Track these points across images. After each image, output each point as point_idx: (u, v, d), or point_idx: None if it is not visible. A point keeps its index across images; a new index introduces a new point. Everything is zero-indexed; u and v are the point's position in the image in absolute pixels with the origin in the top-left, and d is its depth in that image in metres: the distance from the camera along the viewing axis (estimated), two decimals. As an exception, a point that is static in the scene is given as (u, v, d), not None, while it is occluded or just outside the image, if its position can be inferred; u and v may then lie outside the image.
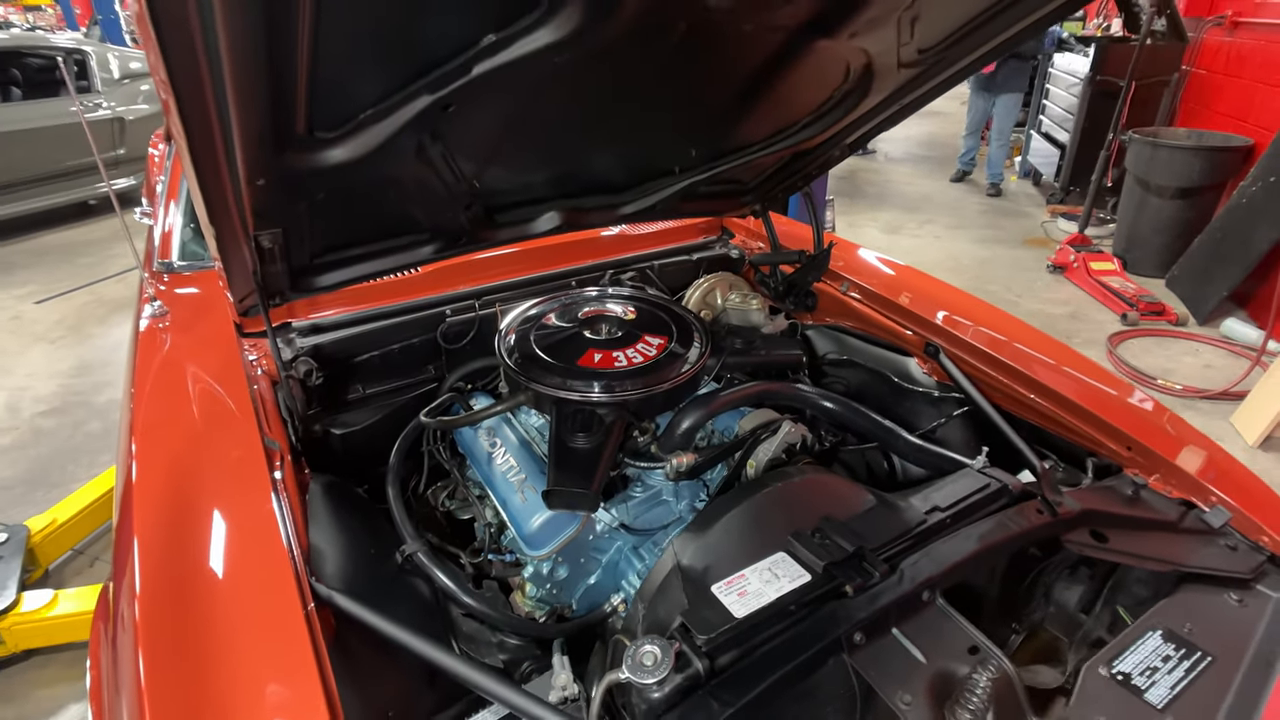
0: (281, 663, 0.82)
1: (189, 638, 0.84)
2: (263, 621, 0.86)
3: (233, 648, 0.84)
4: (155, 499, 1.03)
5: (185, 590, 0.90)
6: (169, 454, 1.12)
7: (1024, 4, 1.14)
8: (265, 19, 0.64)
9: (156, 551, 0.95)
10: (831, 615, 0.92)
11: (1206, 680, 0.94)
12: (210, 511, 1.01)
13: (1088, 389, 1.39)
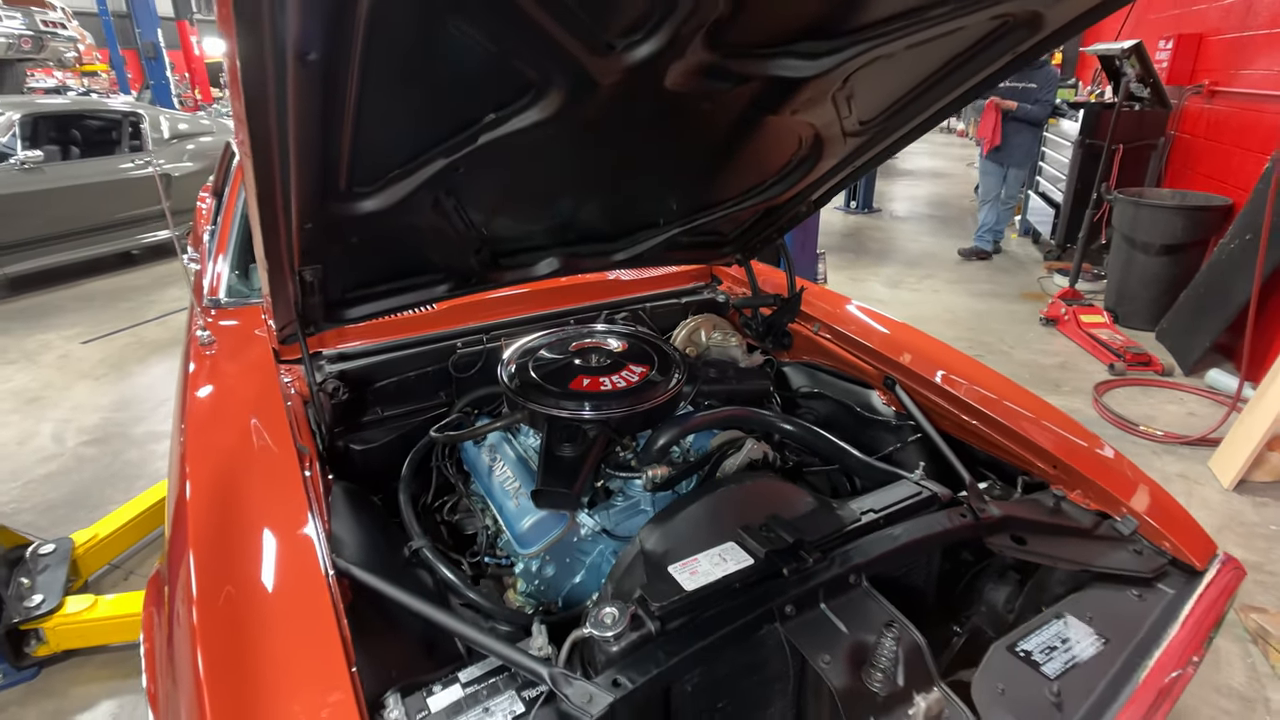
0: (308, 619, 0.99)
1: (235, 597, 1.02)
2: (294, 584, 1.04)
3: (269, 605, 1.01)
4: (205, 487, 1.22)
5: (230, 560, 1.08)
6: (217, 453, 1.32)
7: (950, 80, 1.36)
8: (322, 104, 0.86)
9: (206, 529, 1.14)
10: (768, 592, 1.08)
11: (1097, 659, 1.09)
12: (251, 498, 1.20)
13: (1023, 417, 1.56)
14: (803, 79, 1.20)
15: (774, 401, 1.85)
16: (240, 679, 0.90)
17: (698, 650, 0.99)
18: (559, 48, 0.93)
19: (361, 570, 1.12)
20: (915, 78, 1.35)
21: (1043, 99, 5.43)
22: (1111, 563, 1.26)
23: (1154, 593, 1.22)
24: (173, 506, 1.28)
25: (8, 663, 2.01)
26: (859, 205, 8.41)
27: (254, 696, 0.88)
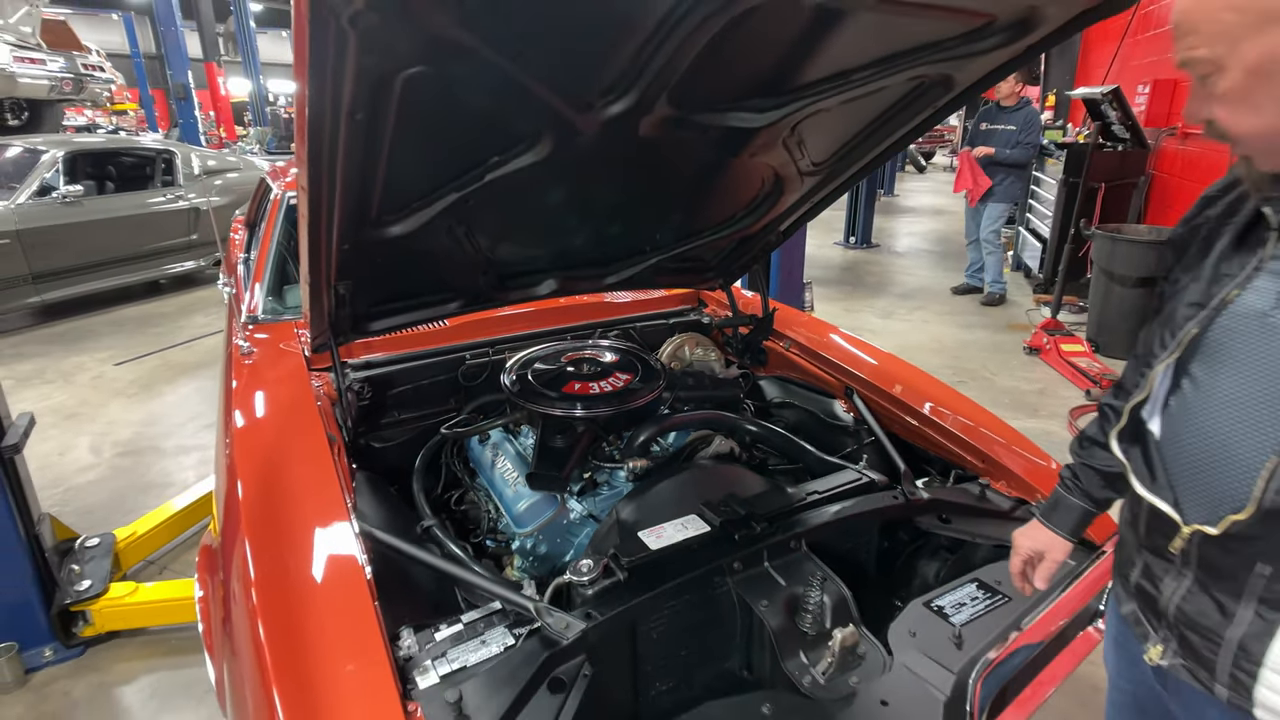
0: (340, 566, 1.21)
1: (280, 552, 1.24)
2: (328, 538, 1.26)
3: (308, 556, 1.23)
4: (253, 468, 1.45)
5: (278, 528, 1.30)
6: (262, 441, 1.55)
7: (887, 127, 1.60)
8: (363, 151, 1.10)
9: (255, 502, 1.36)
10: (721, 552, 1.30)
11: (998, 612, 1.29)
12: (292, 476, 1.42)
13: (961, 422, 1.77)
14: (755, 128, 1.45)
15: (746, 407, 2.07)
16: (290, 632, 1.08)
17: (658, 593, 1.20)
18: (548, 106, 1.18)
19: (380, 531, 1.34)
20: (856, 126, 1.59)
21: (1024, 140, 5.51)
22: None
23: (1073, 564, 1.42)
24: (224, 485, 1.51)
25: (59, 640, 2.23)
26: (858, 241, 8.66)
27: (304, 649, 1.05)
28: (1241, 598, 0.80)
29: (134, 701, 2.08)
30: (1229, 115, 0.74)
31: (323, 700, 0.97)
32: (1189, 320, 0.84)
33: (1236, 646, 0.81)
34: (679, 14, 1.03)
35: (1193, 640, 0.86)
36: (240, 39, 14.80)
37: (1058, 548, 1.11)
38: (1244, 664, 0.81)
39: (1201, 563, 0.84)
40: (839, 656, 1.13)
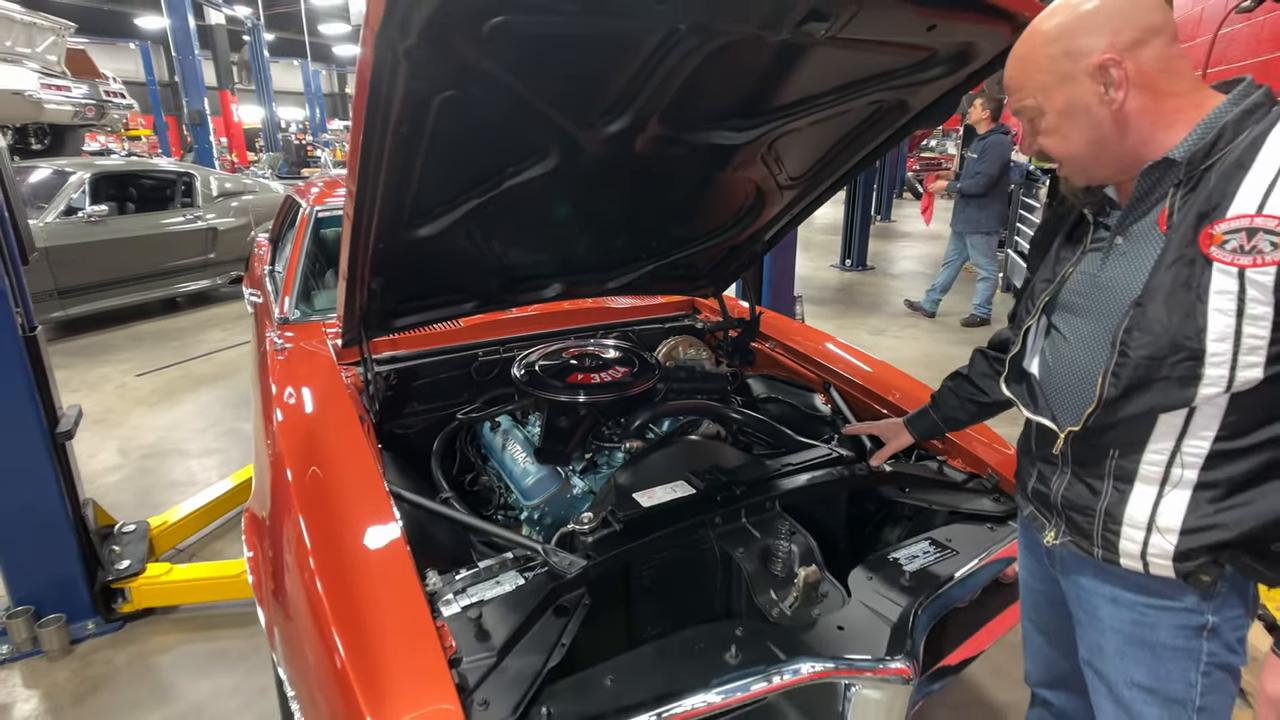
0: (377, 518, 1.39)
1: (327, 510, 1.43)
2: (366, 494, 1.45)
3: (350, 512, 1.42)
4: (296, 440, 1.65)
5: (320, 484, 1.50)
6: (302, 419, 1.75)
7: (854, 145, 1.81)
8: (403, 160, 1.32)
9: (301, 466, 1.56)
10: (704, 510, 1.49)
11: (946, 562, 1.47)
12: (329, 445, 1.62)
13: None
14: (736, 145, 1.67)
15: (732, 398, 2.27)
16: (340, 572, 1.26)
17: (648, 541, 1.39)
18: (556, 124, 1.40)
19: (406, 491, 1.53)
20: (827, 144, 1.81)
21: (978, 170, 5.51)
22: (975, 506, 1.65)
23: (1004, 527, 1.60)
24: (269, 458, 1.70)
25: (100, 616, 2.41)
26: (854, 264, 8.90)
27: (351, 586, 1.24)
28: (1103, 478, 1.06)
29: (172, 669, 2.25)
30: (1051, 144, 1.02)
31: (369, 622, 1.16)
32: (1043, 291, 1.14)
33: (1104, 514, 1.06)
34: (666, 47, 1.25)
35: (1075, 519, 1.11)
36: (254, 68, 15.24)
37: (901, 441, 1.60)
38: (1110, 526, 1.06)
39: (1075, 458, 1.09)
40: (803, 592, 1.31)
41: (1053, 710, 1.42)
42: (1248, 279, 0.88)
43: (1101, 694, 1.15)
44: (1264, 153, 0.88)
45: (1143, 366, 0.96)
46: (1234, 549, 0.98)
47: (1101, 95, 0.95)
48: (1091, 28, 0.94)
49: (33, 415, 2.24)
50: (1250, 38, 3.60)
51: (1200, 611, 1.04)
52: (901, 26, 1.29)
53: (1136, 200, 1.01)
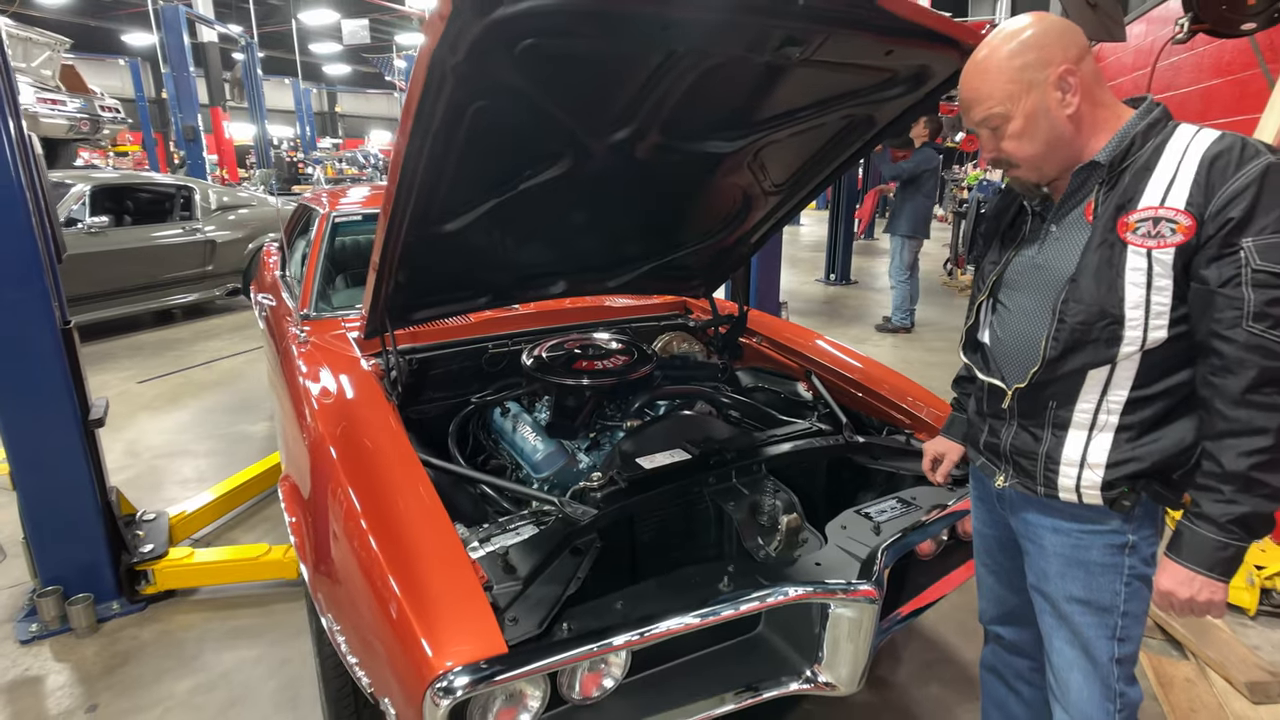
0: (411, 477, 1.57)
1: (369, 473, 1.61)
2: (401, 461, 1.63)
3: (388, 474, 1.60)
4: (332, 421, 1.83)
5: (360, 453, 1.68)
6: (335, 398, 1.93)
7: (828, 156, 2.03)
8: (439, 163, 1.51)
9: (339, 439, 1.74)
10: (699, 471, 1.68)
11: (908, 514, 1.67)
12: (362, 419, 1.80)
13: (895, 391, 2.18)
14: (725, 154, 1.89)
15: (722, 387, 2.47)
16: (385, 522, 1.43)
17: (649, 497, 1.58)
18: (570, 132, 1.61)
19: (432, 457, 1.71)
20: (805, 154, 2.03)
21: (906, 166, 6.31)
22: (939, 473, 1.86)
23: (960, 488, 1.81)
24: (306, 432, 1.87)
25: (124, 596, 2.55)
26: (838, 278, 9.19)
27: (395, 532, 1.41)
28: (1043, 427, 1.25)
29: (196, 643, 2.40)
30: (1013, 147, 1.19)
31: (414, 559, 1.33)
32: (990, 272, 1.34)
33: (1044, 457, 1.26)
34: (666, 67, 1.46)
35: (1021, 463, 1.30)
36: (247, 85, 15.41)
37: (954, 451, 1.57)
38: (1050, 467, 1.25)
39: (1020, 411, 1.29)
40: (785, 536, 1.51)
41: (1003, 644, 1.62)
42: (1154, 258, 1.09)
43: (1046, 612, 1.35)
44: (1164, 158, 1.11)
45: (1077, 331, 1.17)
46: (1147, 478, 1.19)
47: (1060, 100, 1.14)
48: (1050, 44, 1.14)
49: (68, 403, 2.40)
50: (1194, 66, 3.90)
51: (1122, 532, 1.25)
52: (864, 51, 1.51)
53: (1068, 196, 1.22)
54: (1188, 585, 1.16)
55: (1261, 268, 1.03)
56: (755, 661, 1.49)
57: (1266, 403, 1.07)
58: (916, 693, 2.15)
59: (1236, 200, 1.03)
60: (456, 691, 1.13)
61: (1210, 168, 1.06)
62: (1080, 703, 1.31)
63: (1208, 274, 1.07)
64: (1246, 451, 1.08)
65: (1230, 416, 1.09)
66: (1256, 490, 1.09)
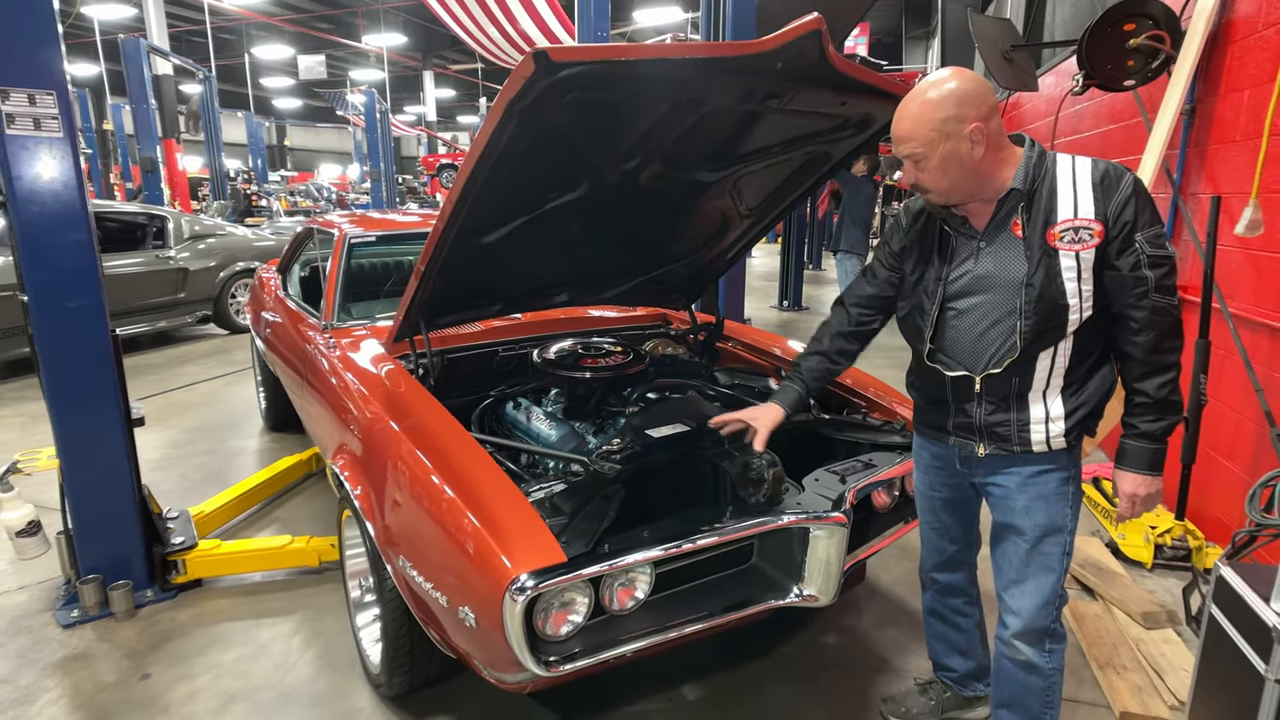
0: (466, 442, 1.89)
1: (433, 440, 1.92)
2: (453, 431, 1.95)
3: (448, 440, 1.92)
4: (384, 403, 2.14)
5: (419, 428, 1.99)
6: (381, 389, 2.24)
7: (792, 185, 2.46)
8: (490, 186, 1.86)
9: (398, 417, 2.05)
10: (698, 439, 2.04)
11: (867, 471, 2.06)
12: (410, 403, 2.12)
13: (856, 381, 2.59)
14: (710, 182, 2.29)
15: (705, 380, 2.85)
16: (459, 483, 1.75)
17: (659, 458, 1.94)
18: (592, 163, 1.98)
19: (476, 433, 2.03)
20: (773, 184, 2.45)
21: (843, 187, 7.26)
22: (889, 441, 2.26)
23: (908, 453, 2.21)
24: (362, 416, 2.17)
25: (157, 585, 2.76)
26: (790, 304, 9.75)
27: (469, 489, 1.72)
28: (1010, 399, 1.59)
29: (231, 622, 2.62)
30: (928, 179, 1.53)
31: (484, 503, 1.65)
32: (937, 289, 1.63)
33: (1016, 423, 1.60)
34: (671, 112, 1.86)
35: (997, 432, 1.62)
36: (205, 118, 15.44)
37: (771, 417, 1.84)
38: (1022, 429, 1.59)
39: (988, 392, 1.60)
40: (771, 485, 1.87)
41: (939, 587, 1.99)
42: (1080, 258, 1.47)
43: (1012, 543, 1.68)
44: (1061, 181, 1.50)
45: (1041, 322, 1.52)
46: (1089, 418, 1.58)
47: (969, 149, 1.44)
48: (966, 103, 1.42)
49: (114, 404, 2.63)
50: (1094, 114, 4.53)
51: (1067, 467, 1.62)
52: (825, 102, 1.93)
53: (996, 218, 1.56)
54: (1144, 485, 1.56)
55: (1153, 254, 1.44)
56: (751, 586, 1.84)
57: (1170, 347, 1.49)
58: (878, 635, 2.52)
59: (1126, 207, 1.44)
60: (528, 590, 1.45)
61: (1103, 185, 1.46)
62: (1034, 606, 1.67)
63: (1119, 263, 1.46)
64: (1163, 383, 1.51)
65: (1150, 362, 1.50)
66: (1172, 409, 1.52)
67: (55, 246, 2.40)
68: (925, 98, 1.47)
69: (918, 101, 1.48)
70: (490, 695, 2.20)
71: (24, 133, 2.28)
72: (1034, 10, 7.62)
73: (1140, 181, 1.47)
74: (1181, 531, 2.93)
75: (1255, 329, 2.83)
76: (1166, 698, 2.17)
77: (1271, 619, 1.67)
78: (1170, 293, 1.46)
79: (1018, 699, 1.74)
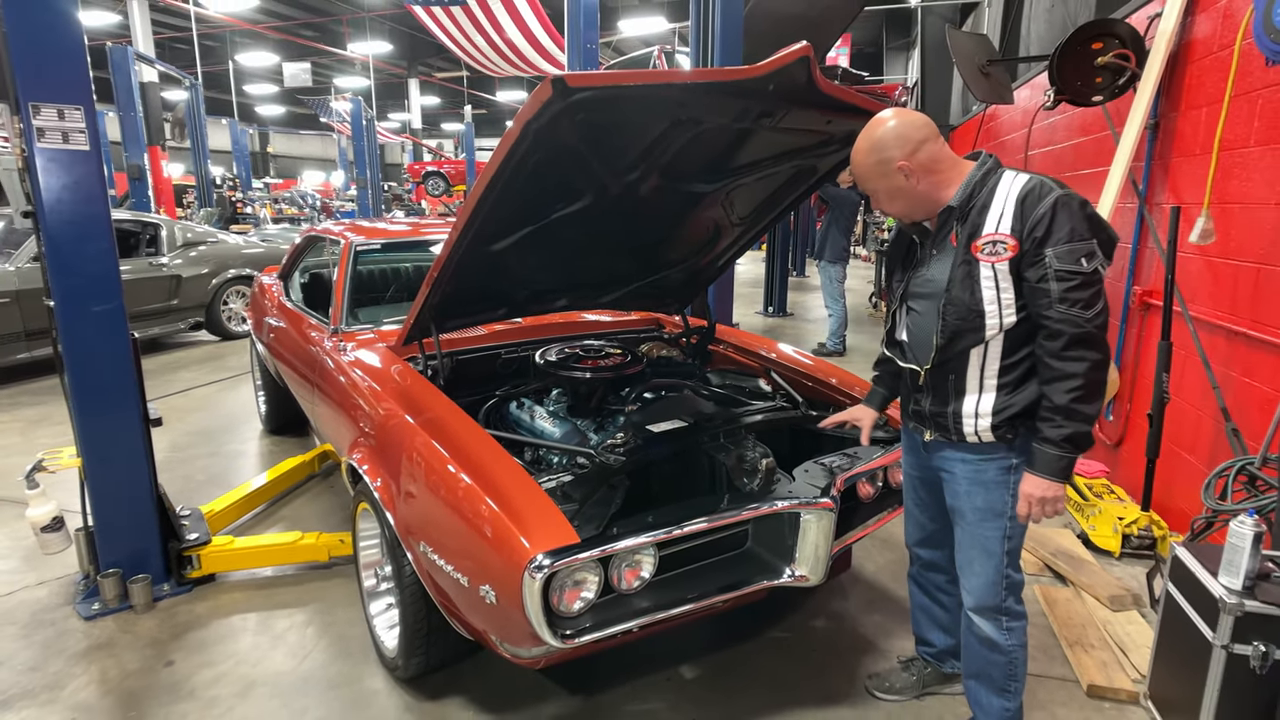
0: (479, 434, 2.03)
1: (451, 431, 2.05)
2: (466, 424, 2.08)
3: (463, 433, 2.05)
4: (398, 399, 2.27)
5: (435, 422, 2.12)
6: (395, 386, 2.37)
7: (780, 197, 2.62)
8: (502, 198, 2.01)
9: (414, 411, 2.18)
10: (696, 433, 2.19)
11: (852, 462, 2.22)
12: (423, 398, 2.25)
13: (842, 381, 2.75)
14: (705, 193, 2.45)
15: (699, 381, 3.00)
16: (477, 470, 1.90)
17: (660, 450, 2.08)
18: (597, 176, 2.13)
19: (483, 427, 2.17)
20: (763, 195, 2.61)
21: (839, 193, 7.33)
22: (874, 436, 2.42)
23: (890, 446, 2.37)
24: (376, 411, 2.30)
25: (173, 579, 2.86)
26: (775, 310, 9.95)
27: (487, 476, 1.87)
28: (948, 393, 1.77)
29: (247, 613, 2.73)
30: (885, 207, 1.76)
31: (501, 489, 1.79)
32: (898, 288, 1.86)
33: (952, 414, 1.77)
34: (671, 129, 2.01)
35: (939, 420, 1.81)
36: (190, 126, 15.45)
37: (869, 416, 2.11)
38: (957, 421, 1.76)
39: (931, 385, 1.80)
40: (765, 474, 2.03)
41: (923, 562, 2.16)
42: (996, 269, 1.65)
43: (958, 524, 1.87)
44: (994, 199, 1.67)
45: (954, 325, 1.70)
46: (1017, 418, 1.73)
47: (905, 180, 1.67)
48: (891, 146, 1.65)
49: (134, 404, 2.74)
50: (1066, 127, 4.75)
51: (1008, 457, 1.77)
52: (812, 120, 2.10)
53: (938, 230, 1.76)
54: (1041, 488, 1.69)
55: (1059, 269, 1.58)
56: (747, 568, 1.99)
57: (1076, 356, 1.60)
58: (863, 620, 2.68)
59: (1039, 224, 1.59)
60: (546, 568, 1.59)
61: (1023, 203, 1.62)
62: (981, 585, 1.84)
63: (1029, 275, 1.62)
64: (1065, 390, 1.62)
65: (1054, 367, 1.63)
66: (1075, 417, 1.62)
67: (80, 254, 2.51)
68: (862, 143, 1.72)
69: (860, 146, 1.73)
70: (497, 677, 2.33)
71: (53, 146, 2.39)
72: (1010, 25, 7.89)
73: (1067, 202, 1.59)
74: (1147, 522, 3.12)
75: (1213, 330, 3.02)
76: (1130, 672, 2.34)
77: (1218, 591, 1.84)
78: (1077, 305, 1.57)
79: (984, 671, 1.90)
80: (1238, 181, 2.85)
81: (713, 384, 3.10)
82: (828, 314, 7.53)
